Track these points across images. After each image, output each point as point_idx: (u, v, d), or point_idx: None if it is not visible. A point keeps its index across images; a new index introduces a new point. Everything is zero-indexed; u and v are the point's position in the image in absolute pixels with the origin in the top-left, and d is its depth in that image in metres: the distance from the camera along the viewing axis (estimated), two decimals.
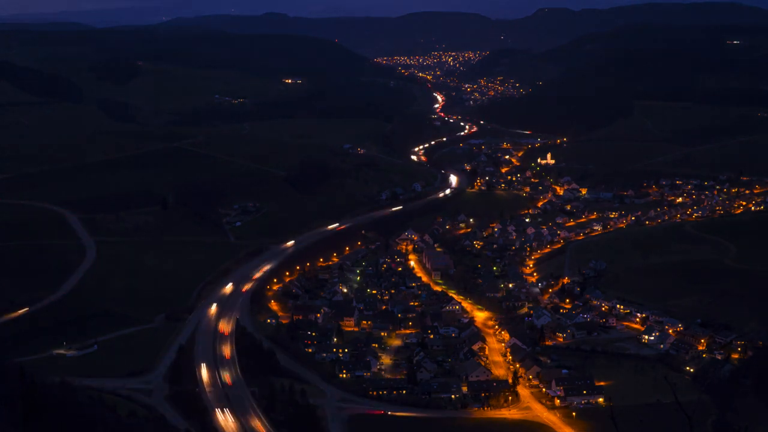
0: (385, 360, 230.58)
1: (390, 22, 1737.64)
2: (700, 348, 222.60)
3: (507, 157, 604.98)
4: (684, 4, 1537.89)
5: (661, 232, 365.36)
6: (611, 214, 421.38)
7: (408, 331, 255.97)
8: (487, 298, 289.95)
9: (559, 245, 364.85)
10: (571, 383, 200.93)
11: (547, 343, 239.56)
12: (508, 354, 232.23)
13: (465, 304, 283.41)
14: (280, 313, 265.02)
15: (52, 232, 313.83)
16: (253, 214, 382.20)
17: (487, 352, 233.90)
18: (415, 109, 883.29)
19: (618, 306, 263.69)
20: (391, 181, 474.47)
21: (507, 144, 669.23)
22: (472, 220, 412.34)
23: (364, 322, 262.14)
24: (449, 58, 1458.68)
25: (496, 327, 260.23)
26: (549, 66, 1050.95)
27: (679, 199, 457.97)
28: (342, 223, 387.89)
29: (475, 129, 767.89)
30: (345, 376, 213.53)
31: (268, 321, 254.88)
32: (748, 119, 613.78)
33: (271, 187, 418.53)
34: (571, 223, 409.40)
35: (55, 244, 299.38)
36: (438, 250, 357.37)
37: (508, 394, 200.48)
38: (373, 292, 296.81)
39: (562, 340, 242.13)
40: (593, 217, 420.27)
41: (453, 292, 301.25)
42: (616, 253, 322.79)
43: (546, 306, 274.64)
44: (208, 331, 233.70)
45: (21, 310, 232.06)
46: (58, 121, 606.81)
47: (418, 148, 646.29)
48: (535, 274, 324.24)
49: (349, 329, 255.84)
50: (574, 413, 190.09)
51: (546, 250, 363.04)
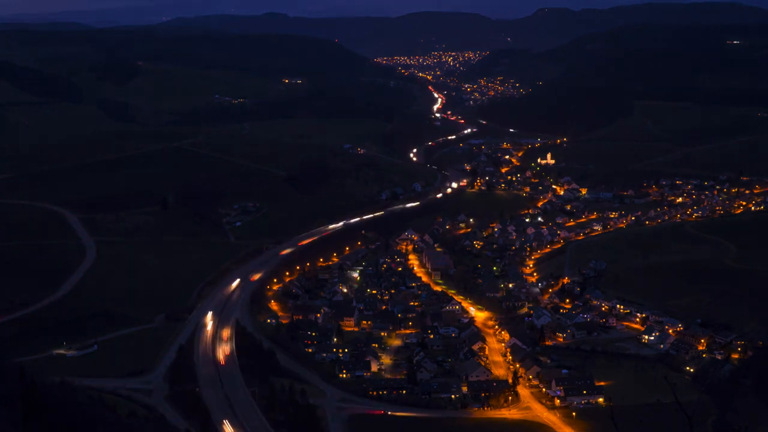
0: (385, 360, 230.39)
1: (390, 22, 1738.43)
2: (700, 348, 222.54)
3: (507, 157, 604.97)
4: (684, 4, 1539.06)
5: (661, 232, 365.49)
6: (611, 214, 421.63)
7: (408, 331, 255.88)
8: (487, 298, 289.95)
9: (559, 245, 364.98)
10: (571, 383, 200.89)
11: (547, 343, 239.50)
12: (508, 354, 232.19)
13: (465, 304, 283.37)
14: (280, 313, 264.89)
15: (52, 232, 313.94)
16: (253, 214, 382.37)
17: (487, 352, 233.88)
18: (415, 109, 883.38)
19: (618, 306, 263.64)
20: (391, 181, 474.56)
21: (507, 144, 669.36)
22: (472, 220, 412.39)
23: (364, 322, 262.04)
24: (449, 58, 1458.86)
25: (496, 327, 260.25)
26: (549, 66, 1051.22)
27: (679, 199, 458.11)
28: (341, 223, 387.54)
29: (475, 129, 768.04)
30: (345, 376, 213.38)
31: (268, 321, 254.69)
32: (748, 119, 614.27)
33: (271, 187, 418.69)
34: (571, 223, 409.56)
35: (55, 244, 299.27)
36: (438, 250, 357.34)
37: (508, 394, 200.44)
38: (373, 292, 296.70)
39: (562, 340, 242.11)
40: (593, 217, 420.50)
41: (453, 292, 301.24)
42: (616, 253, 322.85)
43: (546, 306, 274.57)
44: (208, 331, 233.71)
45: (21, 310, 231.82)
46: (58, 121, 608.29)
47: (418, 148, 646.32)
48: (535, 274, 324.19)
49: (349, 329, 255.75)
50: (574, 413, 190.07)
51: (546, 250, 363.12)
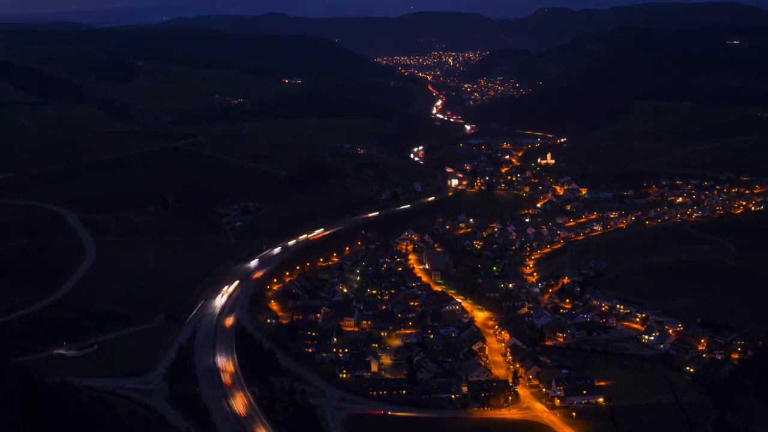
0: (385, 360, 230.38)
1: (390, 22, 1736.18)
2: (700, 348, 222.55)
3: (507, 157, 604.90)
4: (684, 4, 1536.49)
5: (661, 232, 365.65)
6: (611, 214, 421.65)
7: (408, 331, 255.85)
8: (487, 298, 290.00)
9: (559, 245, 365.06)
10: (571, 383, 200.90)
11: (547, 343, 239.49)
12: (508, 354, 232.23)
13: (465, 304, 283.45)
14: (280, 313, 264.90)
15: (52, 232, 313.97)
16: (253, 214, 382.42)
17: (487, 352, 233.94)
18: (415, 109, 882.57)
19: (618, 306, 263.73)
20: (391, 181, 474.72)
21: (507, 144, 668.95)
22: (472, 220, 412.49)
23: (364, 322, 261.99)
24: (449, 58, 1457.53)
25: (496, 327, 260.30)
26: (549, 66, 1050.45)
27: (679, 199, 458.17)
28: (342, 223, 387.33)
29: (475, 129, 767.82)
30: (345, 376, 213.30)
31: (268, 321, 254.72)
32: (748, 119, 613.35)
33: (271, 187, 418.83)
34: (571, 223, 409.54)
35: (55, 244, 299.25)
36: (438, 250, 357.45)
37: (508, 394, 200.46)
38: (373, 292, 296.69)
39: (562, 340, 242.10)
40: (593, 217, 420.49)
41: (453, 292, 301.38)
42: (616, 253, 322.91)
43: (546, 306, 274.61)
44: (208, 331, 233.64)
45: (21, 310, 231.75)
46: (58, 121, 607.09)
47: (418, 148, 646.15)
48: (535, 274, 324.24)
49: (349, 329, 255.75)
50: (574, 413, 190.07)
51: (546, 250, 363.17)
